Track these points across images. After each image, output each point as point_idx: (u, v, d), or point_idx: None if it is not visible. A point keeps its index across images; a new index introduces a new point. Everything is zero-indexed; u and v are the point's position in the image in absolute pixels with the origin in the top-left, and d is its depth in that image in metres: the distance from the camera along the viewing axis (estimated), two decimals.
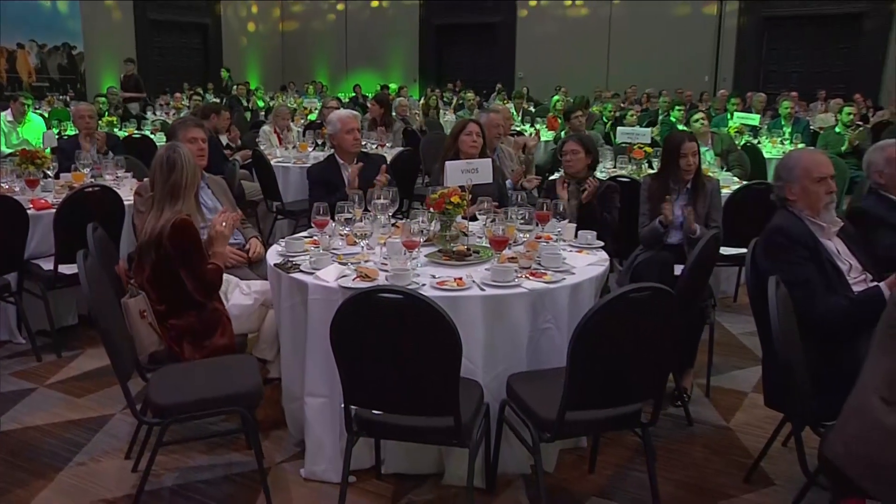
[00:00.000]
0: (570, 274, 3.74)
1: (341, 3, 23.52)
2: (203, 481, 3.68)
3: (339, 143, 5.62)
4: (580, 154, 5.19)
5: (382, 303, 2.90)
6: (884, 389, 2.63)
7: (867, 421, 2.66)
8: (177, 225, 3.70)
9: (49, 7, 17.56)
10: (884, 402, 2.62)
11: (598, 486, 3.70)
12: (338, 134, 5.59)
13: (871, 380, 2.70)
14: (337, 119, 5.65)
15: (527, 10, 21.16)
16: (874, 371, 2.71)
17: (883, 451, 2.60)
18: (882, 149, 4.24)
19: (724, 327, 5.70)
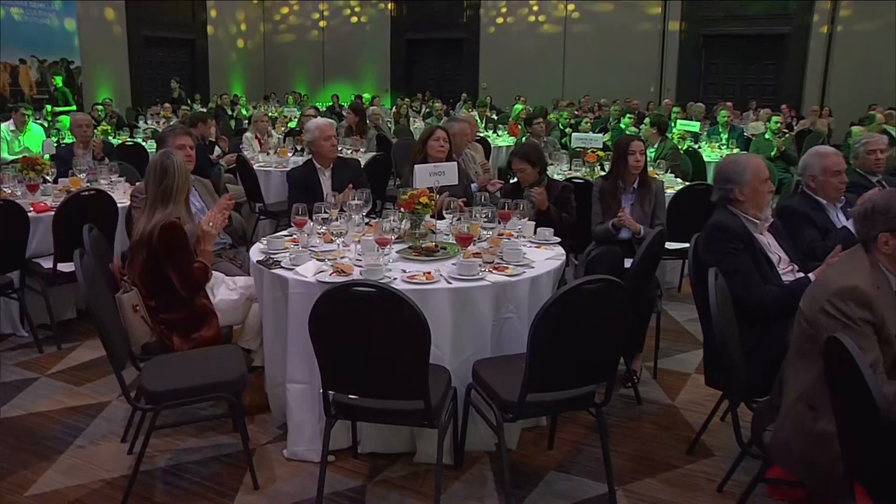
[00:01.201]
0: (529, 268, 3.74)
1: (323, 20, 23.40)
2: (193, 462, 3.66)
3: (318, 150, 5.55)
4: (527, 168, 5.14)
5: (357, 296, 2.88)
6: (808, 398, 2.68)
7: (797, 425, 2.73)
8: (165, 227, 3.67)
9: (49, 25, 17.41)
10: (810, 408, 2.68)
11: (557, 461, 3.71)
12: (316, 141, 5.53)
13: (796, 387, 2.76)
14: (315, 127, 5.58)
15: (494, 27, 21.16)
16: (797, 379, 2.76)
17: (813, 451, 2.67)
18: (821, 156, 4.23)
19: (669, 315, 5.73)
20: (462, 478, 3.52)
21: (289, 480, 3.49)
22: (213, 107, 16.78)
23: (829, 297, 2.63)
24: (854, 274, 2.67)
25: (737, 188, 3.67)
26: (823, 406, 2.63)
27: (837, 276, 2.71)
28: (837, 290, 2.62)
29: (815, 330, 2.67)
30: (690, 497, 3.42)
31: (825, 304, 2.63)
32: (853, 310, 2.58)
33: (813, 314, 2.68)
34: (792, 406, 2.77)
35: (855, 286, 2.61)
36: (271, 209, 7.33)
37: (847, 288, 2.61)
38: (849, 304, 2.59)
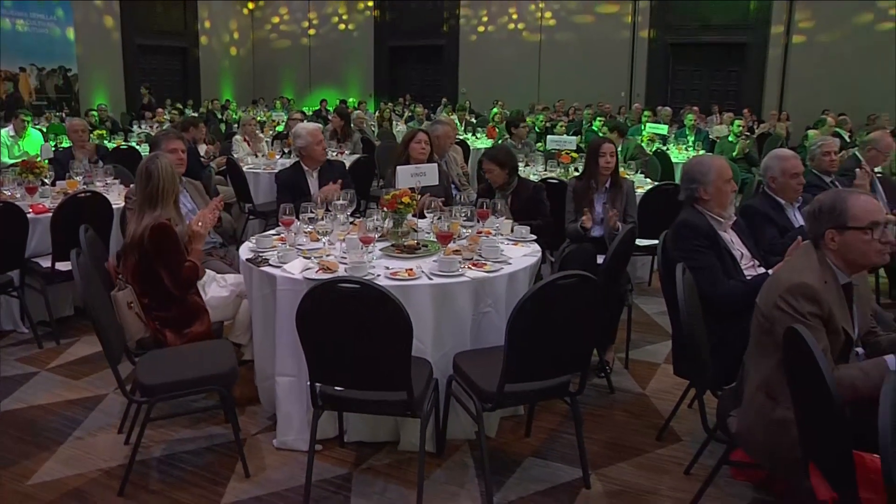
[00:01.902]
0: (507, 264, 3.74)
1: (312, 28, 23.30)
2: (187, 452, 3.63)
3: (310, 154, 5.48)
4: (496, 169, 5.12)
5: (342, 292, 2.87)
6: (767, 388, 2.71)
7: (758, 413, 2.76)
8: (155, 229, 3.64)
9: (48, 34, 17.27)
10: (769, 397, 2.71)
11: (534, 448, 3.71)
12: (309, 145, 5.46)
13: (756, 377, 2.79)
14: (307, 133, 5.52)
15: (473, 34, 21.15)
16: (757, 370, 2.79)
17: (772, 437, 2.70)
18: (781, 159, 4.26)
19: (640, 308, 5.75)
20: (444, 465, 3.52)
21: (278, 469, 3.48)
22: (205, 111, 16.69)
23: (781, 294, 2.66)
24: (804, 271, 2.70)
25: (702, 188, 3.69)
26: (781, 395, 2.67)
27: (789, 273, 2.74)
28: (788, 287, 2.65)
29: (770, 324, 2.70)
30: (659, 480, 3.43)
31: (778, 300, 2.66)
32: (802, 305, 2.61)
33: (768, 309, 2.71)
34: (753, 395, 2.80)
35: (803, 283, 2.64)
36: (260, 209, 7.30)
37: (797, 285, 2.64)
38: (798, 299, 2.62)
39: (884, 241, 2.65)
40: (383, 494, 3.29)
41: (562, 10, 19.96)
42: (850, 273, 2.76)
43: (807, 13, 17.30)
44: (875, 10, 16.54)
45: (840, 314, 2.67)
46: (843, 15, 16.74)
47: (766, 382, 2.74)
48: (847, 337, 2.68)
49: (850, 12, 16.70)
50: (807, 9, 17.27)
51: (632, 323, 4.85)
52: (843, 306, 2.72)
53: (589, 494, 3.30)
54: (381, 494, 3.29)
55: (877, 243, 2.65)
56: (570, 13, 19.87)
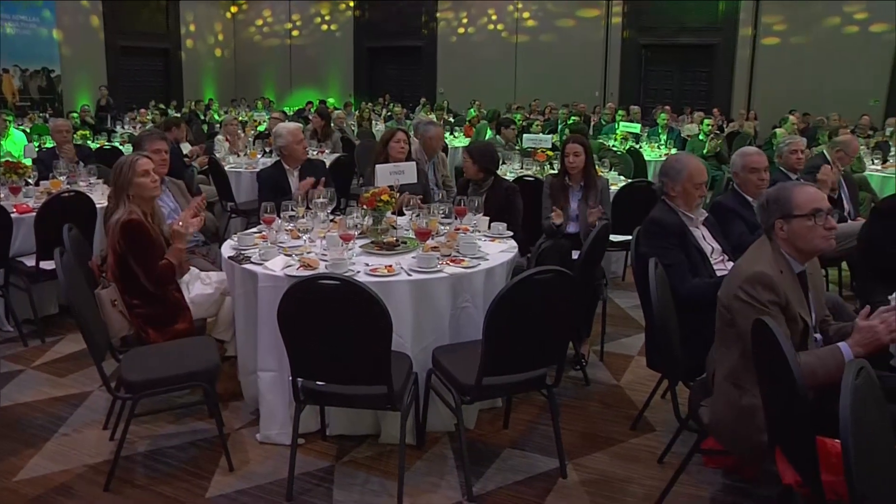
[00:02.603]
0: (484, 260, 3.76)
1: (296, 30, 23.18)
2: (171, 447, 3.61)
3: (291, 153, 5.45)
4: (468, 161, 5.12)
5: (323, 288, 2.87)
6: (734, 377, 2.75)
7: (725, 402, 2.80)
8: (124, 223, 3.65)
9: (31, 35, 17.07)
10: (735, 386, 2.75)
11: (512, 439, 3.73)
12: (289, 145, 5.43)
13: (722, 368, 2.83)
14: (287, 132, 5.48)
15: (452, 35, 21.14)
16: (723, 360, 2.83)
17: (739, 424, 2.74)
18: (743, 155, 4.38)
19: (614, 302, 5.78)
20: (424, 457, 3.53)
21: (262, 462, 3.47)
22: (187, 112, 16.56)
23: (740, 285, 2.71)
24: (760, 262, 2.75)
25: (671, 184, 3.73)
26: (747, 383, 2.71)
27: (746, 264, 2.79)
28: (747, 277, 2.70)
29: (731, 315, 2.75)
30: (634, 468, 3.46)
31: (738, 291, 2.71)
32: (761, 293, 2.66)
33: (729, 301, 2.75)
34: (720, 385, 2.84)
35: (760, 272, 2.69)
36: (242, 208, 7.25)
37: (754, 274, 2.69)
38: (757, 288, 2.66)
39: (828, 227, 2.71)
40: (365, 486, 3.29)
41: (538, 11, 20.01)
42: (803, 261, 2.82)
43: (779, 16, 17.49)
44: (842, 14, 16.79)
45: (796, 301, 2.72)
46: (813, 18, 16.96)
47: (732, 372, 2.78)
48: (805, 324, 2.73)
49: (819, 16, 16.92)
50: (778, 12, 17.46)
51: (606, 316, 4.88)
52: (800, 294, 2.78)
53: (565, 484, 3.32)
54: (362, 486, 3.29)
55: (821, 229, 2.71)
56: (546, 15, 19.92)
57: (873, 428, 1.95)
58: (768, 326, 2.35)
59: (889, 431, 2.08)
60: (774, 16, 17.58)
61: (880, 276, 4.11)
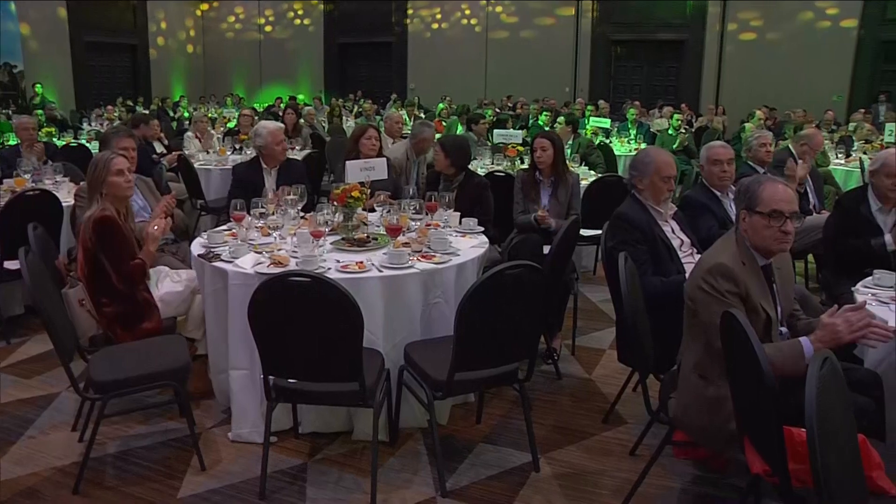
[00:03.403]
0: (455, 255, 3.76)
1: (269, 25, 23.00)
2: (142, 447, 3.57)
3: (269, 152, 5.37)
4: (440, 154, 5.12)
5: (293, 285, 2.86)
6: (700, 369, 2.79)
7: (692, 394, 2.83)
8: (97, 220, 3.61)
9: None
10: (701, 378, 2.78)
11: (485, 434, 3.73)
12: (269, 145, 5.35)
13: (688, 360, 2.86)
14: (266, 132, 5.38)
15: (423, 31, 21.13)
16: (689, 352, 2.86)
17: (706, 415, 2.77)
18: (707, 149, 4.51)
19: (585, 296, 5.81)
20: (397, 453, 3.52)
21: (234, 461, 3.44)
22: (155, 108, 16.37)
23: (702, 276, 2.75)
24: (723, 253, 2.80)
25: (639, 177, 3.76)
26: (712, 375, 2.75)
27: (710, 256, 2.83)
28: (708, 268, 2.74)
29: (695, 306, 2.78)
30: (606, 461, 3.49)
31: (700, 282, 2.75)
32: (721, 284, 2.69)
33: (693, 292, 2.79)
34: (687, 377, 2.87)
35: (720, 262, 2.73)
36: (212, 205, 7.20)
37: (715, 265, 2.73)
38: (717, 279, 2.70)
39: (783, 230, 2.72)
40: (338, 483, 3.28)
41: (509, 8, 20.08)
42: (765, 256, 2.84)
43: (749, 13, 17.75)
44: (814, 9, 17.05)
45: (759, 293, 2.76)
46: (782, 15, 17.24)
47: (697, 364, 2.82)
48: (768, 316, 2.76)
49: (786, 13, 17.19)
50: (747, 9, 17.70)
51: (578, 310, 4.91)
52: (763, 286, 2.81)
53: (538, 477, 3.34)
54: (335, 483, 3.28)
55: (776, 231, 2.72)
56: (517, 11, 19.99)
57: (837, 417, 1.98)
58: (736, 318, 2.38)
59: (852, 420, 2.13)
60: (744, 12, 17.83)
61: (844, 268, 4.18)
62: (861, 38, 16.72)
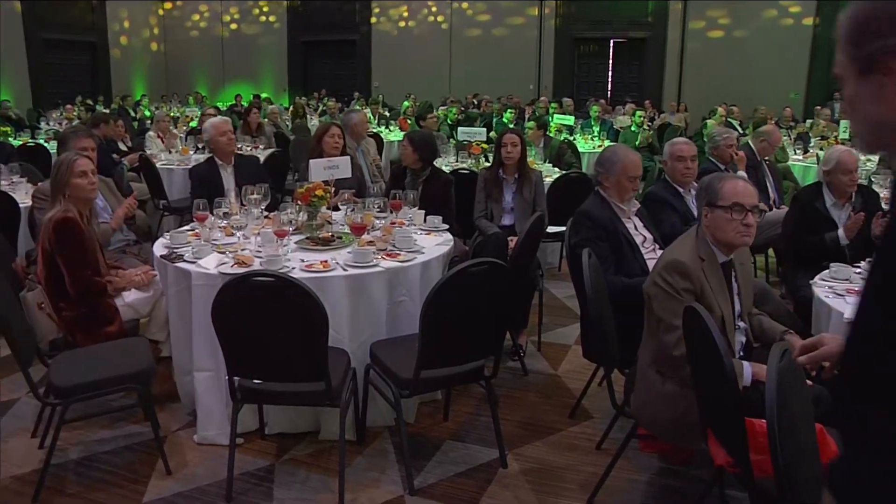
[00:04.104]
0: (420, 253, 3.76)
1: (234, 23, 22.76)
2: (106, 452, 3.52)
3: (217, 146, 5.38)
4: (408, 149, 5.12)
5: (257, 285, 2.84)
6: (657, 364, 2.83)
7: (650, 390, 2.87)
8: (57, 221, 3.55)
9: None
10: (659, 374, 2.83)
11: (452, 431, 3.74)
12: (213, 138, 5.36)
13: (645, 356, 2.89)
14: (210, 126, 5.42)
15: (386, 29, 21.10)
16: (647, 348, 2.90)
17: (663, 410, 2.81)
18: (670, 145, 4.58)
19: (550, 292, 5.84)
20: (364, 452, 3.52)
21: (200, 464, 3.41)
22: (116, 108, 16.11)
23: (659, 272, 2.79)
24: (682, 250, 2.84)
25: (605, 174, 3.79)
26: (668, 370, 2.80)
27: (669, 252, 2.87)
28: (665, 265, 2.79)
29: (651, 302, 2.82)
30: (573, 456, 3.51)
31: (657, 279, 2.79)
32: (677, 281, 2.75)
33: (650, 287, 2.83)
34: (644, 372, 2.91)
35: (676, 259, 2.78)
36: (174, 205, 7.10)
37: (671, 262, 2.78)
38: (673, 276, 2.75)
39: (745, 223, 2.78)
40: (305, 484, 3.27)
41: (473, 5, 20.10)
42: (725, 252, 2.89)
43: (714, 11, 18.03)
44: (778, 7, 17.37)
45: (717, 290, 2.81)
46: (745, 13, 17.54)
47: (655, 360, 2.86)
48: (722, 315, 2.81)
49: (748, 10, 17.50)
50: (710, 6, 17.97)
51: (543, 307, 4.94)
52: (722, 283, 2.86)
53: (506, 473, 3.36)
54: (303, 484, 3.27)
55: (737, 224, 2.78)
56: (480, 9, 20.03)
57: (796, 408, 2.02)
58: (699, 313, 2.41)
59: (810, 410, 2.17)
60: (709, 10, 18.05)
61: (802, 262, 4.26)
62: (817, 36, 17.07)
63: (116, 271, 3.94)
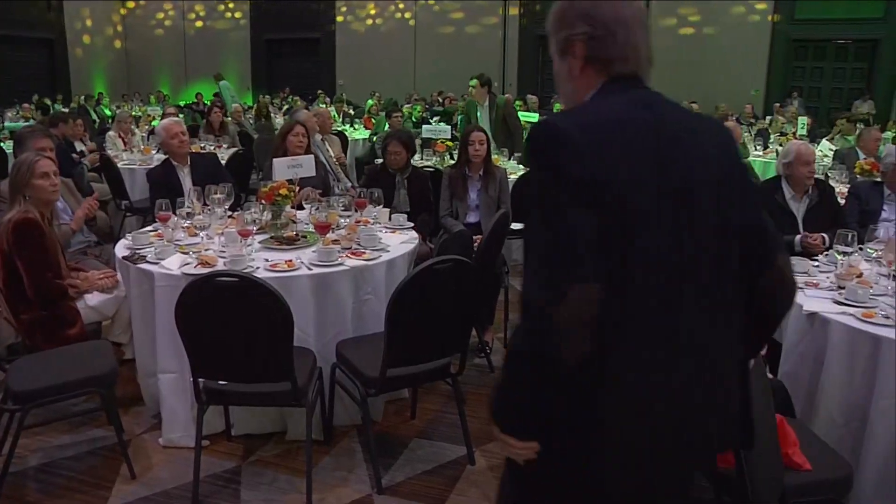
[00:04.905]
0: (385, 252, 3.76)
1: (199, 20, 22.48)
2: (67, 458, 3.46)
3: (169, 149, 5.31)
4: (402, 152, 5.19)
5: (221, 285, 2.82)
6: None
7: None
8: (17, 222, 3.50)
9: None
10: None
11: (419, 429, 3.75)
12: (164, 141, 5.29)
13: None
14: (161, 129, 5.36)
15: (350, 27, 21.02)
16: None
17: None
18: None
19: (516, 289, 5.82)
20: (332, 452, 3.51)
21: (165, 467, 3.37)
22: (76, 107, 15.83)
23: None
24: None
25: None
26: None
27: None
28: None
29: None
30: None
31: None
32: None
33: None
34: None
35: None
36: (137, 206, 6.99)
37: None
38: None
39: None
40: (272, 485, 3.25)
41: (437, 3, 20.10)
42: None
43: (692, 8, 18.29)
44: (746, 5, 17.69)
45: None
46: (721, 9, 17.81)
47: None
48: None
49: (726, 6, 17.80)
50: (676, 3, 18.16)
51: (509, 303, 4.95)
52: None
53: (473, 470, 3.37)
54: (269, 485, 3.25)
55: None
56: (444, 7, 20.05)
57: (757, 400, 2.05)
58: None
59: (770, 402, 2.21)
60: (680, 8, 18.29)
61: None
62: (775, 34, 17.38)
63: (78, 273, 3.87)
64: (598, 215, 1.37)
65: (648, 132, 1.46)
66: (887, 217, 4.57)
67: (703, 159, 1.50)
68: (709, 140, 1.55)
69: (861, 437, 2.78)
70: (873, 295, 3.08)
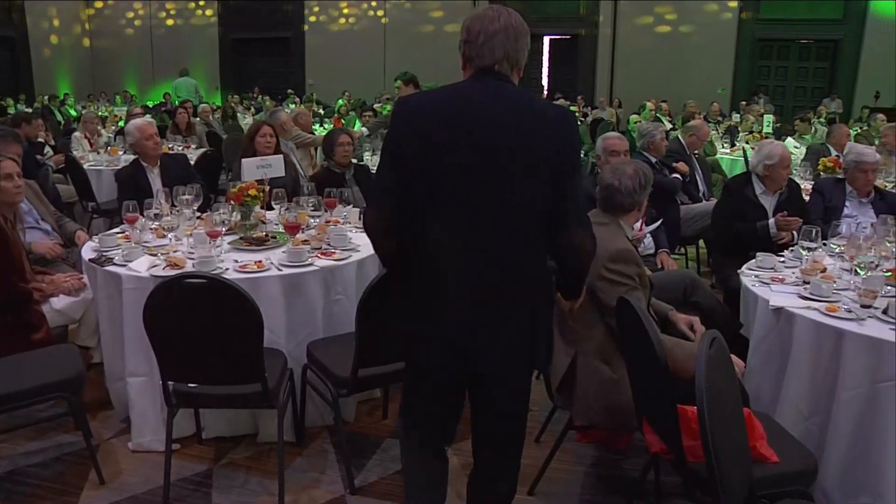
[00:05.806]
0: (356, 252, 3.74)
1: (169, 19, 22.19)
2: (34, 465, 3.39)
3: (142, 150, 5.22)
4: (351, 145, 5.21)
5: (190, 287, 2.79)
6: (602, 354, 2.90)
7: (596, 379, 2.91)
8: None
9: None
10: (604, 362, 2.89)
11: (392, 429, 3.74)
12: (138, 142, 5.20)
13: (588, 347, 2.94)
14: (135, 129, 5.24)
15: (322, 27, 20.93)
16: (588, 341, 2.94)
17: (610, 397, 2.87)
18: (603, 139, 4.71)
19: None
20: (304, 453, 3.49)
21: (135, 472, 3.33)
22: (39, 107, 15.56)
23: (605, 265, 2.83)
24: (614, 239, 2.91)
25: None
26: (612, 358, 2.87)
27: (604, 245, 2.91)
28: (610, 256, 2.83)
29: (599, 294, 2.87)
30: None
31: (603, 272, 2.83)
32: (623, 268, 2.84)
33: (595, 282, 2.85)
34: (587, 364, 2.95)
35: (622, 248, 2.88)
36: (104, 207, 6.91)
37: (616, 252, 2.85)
38: (619, 264, 2.84)
39: None
40: (244, 487, 3.23)
41: (408, 2, 20.09)
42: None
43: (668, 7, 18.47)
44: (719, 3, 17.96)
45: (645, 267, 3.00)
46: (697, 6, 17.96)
47: (600, 350, 2.91)
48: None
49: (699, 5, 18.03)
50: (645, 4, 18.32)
51: None
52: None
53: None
54: (241, 487, 3.23)
55: None
56: (415, 5, 20.02)
57: (725, 394, 2.08)
58: (630, 304, 2.47)
59: (738, 395, 2.24)
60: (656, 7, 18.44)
61: (731, 252, 4.39)
62: (741, 34, 17.63)
63: (43, 277, 3.81)
64: (399, 169, 2.09)
65: (462, 104, 2.08)
66: (849, 213, 4.66)
67: (505, 129, 2.04)
68: (523, 119, 2.07)
69: (826, 429, 2.83)
70: (837, 289, 3.14)
